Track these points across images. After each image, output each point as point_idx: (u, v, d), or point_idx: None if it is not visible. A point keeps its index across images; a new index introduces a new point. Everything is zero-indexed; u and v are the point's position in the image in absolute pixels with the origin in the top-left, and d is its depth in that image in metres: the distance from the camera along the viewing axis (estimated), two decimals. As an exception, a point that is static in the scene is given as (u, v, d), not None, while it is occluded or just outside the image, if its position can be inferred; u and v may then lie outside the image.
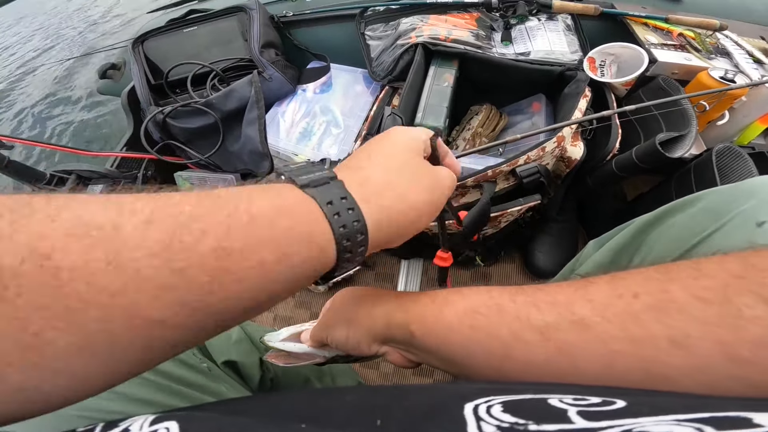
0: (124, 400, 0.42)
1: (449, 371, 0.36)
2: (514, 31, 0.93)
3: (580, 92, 0.80)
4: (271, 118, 1.00)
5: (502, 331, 0.30)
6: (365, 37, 1.04)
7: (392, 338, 0.38)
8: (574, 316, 0.27)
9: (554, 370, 0.28)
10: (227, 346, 0.60)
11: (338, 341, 0.42)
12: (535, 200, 0.77)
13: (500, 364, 0.30)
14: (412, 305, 0.37)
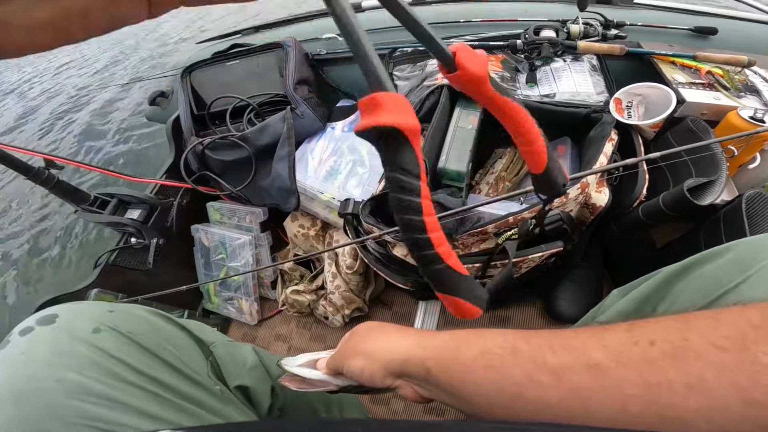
0: (134, 413, 0.44)
1: (461, 409, 0.39)
2: (539, 72, 0.95)
3: (605, 135, 0.80)
4: (301, 155, 1.06)
5: (515, 372, 0.32)
6: (393, 77, 1.09)
7: (408, 373, 0.41)
8: (589, 360, 0.29)
9: (566, 412, 0.29)
10: (242, 371, 0.63)
11: (354, 372, 0.45)
12: (557, 247, 0.78)
13: (512, 403, 0.32)
14: (430, 343, 0.40)
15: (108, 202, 1.09)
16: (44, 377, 0.41)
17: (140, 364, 0.47)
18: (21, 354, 0.44)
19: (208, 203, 1.30)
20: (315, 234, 1.13)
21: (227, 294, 1.29)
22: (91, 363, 0.44)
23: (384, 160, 0.24)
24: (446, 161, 0.84)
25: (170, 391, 0.48)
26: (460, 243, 0.82)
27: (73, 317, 0.49)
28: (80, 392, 0.41)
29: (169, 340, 0.54)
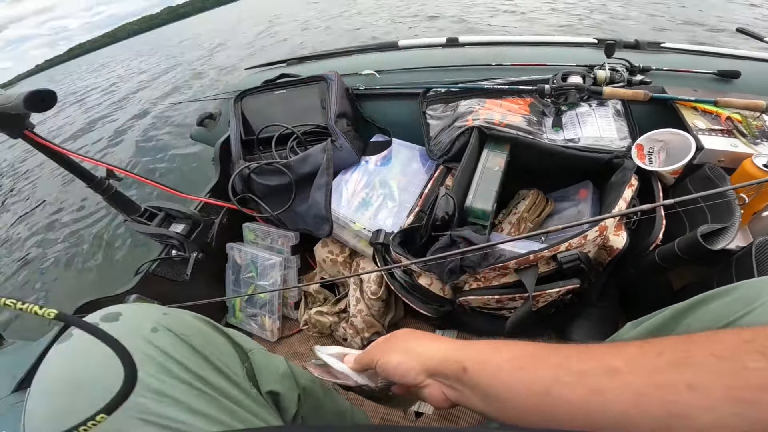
0: (181, 408, 0.46)
1: (486, 410, 0.43)
2: (565, 116, 1.00)
3: (626, 181, 0.85)
4: (336, 185, 1.13)
5: (544, 373, 0.38)
6: (426, 116, 1.17)
7: (443, 372, 0.46)
8: (607, 366, 0.35)
9: (586, 407, 0.35)
10: (275, 377, 0.66)
11: (389, 366, 0.49)
12: (573, 284, 0.83)
13: (539, 401, 0.38)
14: (467, 347, 0.47)
15: (156, 214, 1.17)
16: (104, 369, 0.44)
17: (190, 363, 0.51)
18: (84, 347, 0.47)
19: (244, 224, 1.39)
20: (342, 260, 1.19)
21: (252, 310, 1.36)
22: (149, 359, 0.47)
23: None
24: (473, 200, 0.90)
25: (215, 390, 0.52)
26: (481, 276, 0.87)
27: (135, 316, 0.52)
28: (137, 387, 0.45)
29: (213, 344, 0.58)
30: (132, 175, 1.14)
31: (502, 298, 0.85)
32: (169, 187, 1.21)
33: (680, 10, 4.11)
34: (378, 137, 1.27)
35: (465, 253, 0.78)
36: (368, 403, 1.09)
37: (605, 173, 0.94)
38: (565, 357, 0.39)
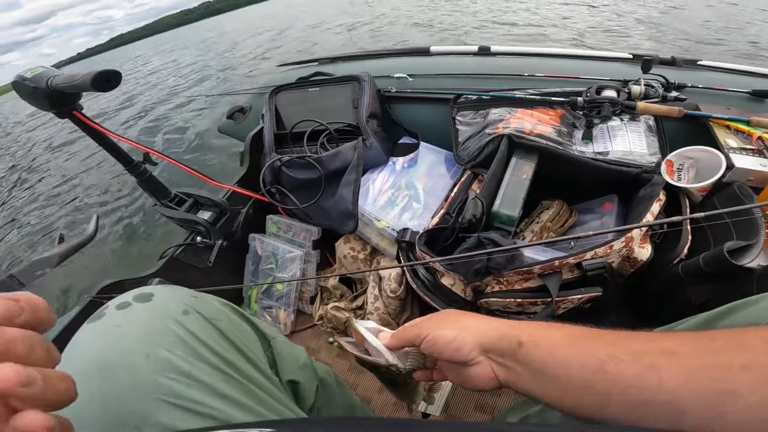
0: (209, 391, 0.46)
1: (536, 389, 0.44)
2: (596, 129, 1.02)
3: (654, 196, 0.87)
4: (363, 183, 1.16)
5: (599, 351, 0.40)
6: (455, 122, 1.20)
7: (497, 348, 0.46)
8: (663, 347, 0.37)
9: (640, 384, 0.36)
10: (296, 367, 0.68)
11: (442, 340, 0.48)
12: (596, 291, 0.84)
13: (591, 377, 0.39)
14: (522, 325, 0.48)
15: (185, 200, 1.21)
16: (136, 351, 0.45)
17: (219, 347, 0.51)
18: (117, 327, 0.48)
19: (268, 215, 1.42)
20: (363, 257, 1.22)
21: (267, 302, 1.40)
22: (180, 342, 0.48)
23: None
24: (500, 205, 0.92)
25: (242, 375, 0.52)
26: (504, 279, 0.89)
27: (167, 298, 0.53)
28: (165, 368, 0.45)
29: (240, 330, 0.59)
30: (168, 159, 1.18)
31: (523, 302, 0.87)
32: (204, 174, 1.25)
33: (719, 27, 4.12)
34: (405, 139, 1.30)
35: (492, 253, 0.81)
36: (375, 402, 1.12)
37: (632, 187, 0.96)
38: (619, 338, 0.41)
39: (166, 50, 6.46)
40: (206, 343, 0.50)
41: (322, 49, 5.37)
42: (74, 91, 0.86)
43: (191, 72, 4.61)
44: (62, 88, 0.83)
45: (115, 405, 0.42)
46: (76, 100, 0.93)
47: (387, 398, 1.11)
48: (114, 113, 3.96)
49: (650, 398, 0.36)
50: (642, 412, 0.36)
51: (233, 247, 1.29)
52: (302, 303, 1.38)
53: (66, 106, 0.92)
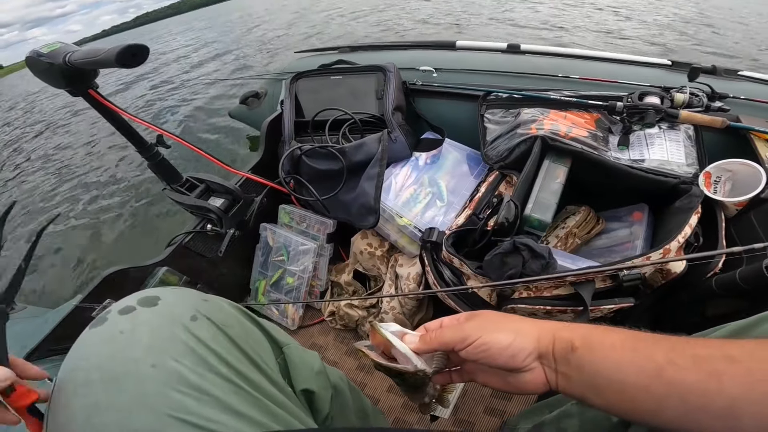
0: (220, 407, 0.44)
1: (589, 394, 0.44)
2: (633, 136, 1.01)
3: (692, 208, 0.86)
4: (385, 178, 1.14)
5: (657, 355, 0.39)
6: (484, 119, 1.19)
7: (551, 354, 0.45)
8: (725, 353, 0.37)
9: (701, 390, 0.36)
10: (310, 375, 0.65)
11: (498, 346, 0.46)
12: (628, 302, 0.84)
13: (648, 383, 0.39)
14: (574, 326, 0.47)
15: (196, 186, 1.18)
16: (141, 361, 0.43)
17: (230, 357, 0.49)
18: (120, 333, 0.45)
19: (281, 205, 1.41)
20: (381, 254, 1.22)
21: (276, 295, 1.38)
22: (188, 351, 0.45)
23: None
24: (532, 209, 0.91)
25: (255, 388, 0.50)
26: (534, 286, 0.89)
27: (175, 302, 0.50)
28: (174, 380, 0.43)
29: (251, 336, 0.56)
30: (182, 141, 1.16)
31: (552, 310, 0.87)
32: (217, 158, 1.23)
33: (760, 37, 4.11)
34: (429, 135, 1.29)
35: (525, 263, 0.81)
36: (383, 402, 1.11)
37: (666, 198, 0.95)
38: (677, 342, 0.40)
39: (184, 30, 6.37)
40: (216, 352, 0.48)
41: (350, 36, 5.29)
42: (95, 67, 0.84)
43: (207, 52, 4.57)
44: (81, 65, 0.81)
45: (122, 418, 0.40)
46: (93, 77, 0.91)
47: (396, 398, 1.11)
48: (119, 95, 3.91)
49: (709, 404, 0.36)
50: (698, 416, 0.37)
51: (242, 237, 1.28)
52: (312, 298, 1.37)
53: (82, 83, 0.90)
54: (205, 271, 1.25)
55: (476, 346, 0.47)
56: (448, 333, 0.50)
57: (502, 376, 0.50)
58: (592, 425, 0.63)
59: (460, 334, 0.48)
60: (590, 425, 0.64)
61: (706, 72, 1.14)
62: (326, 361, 1.21)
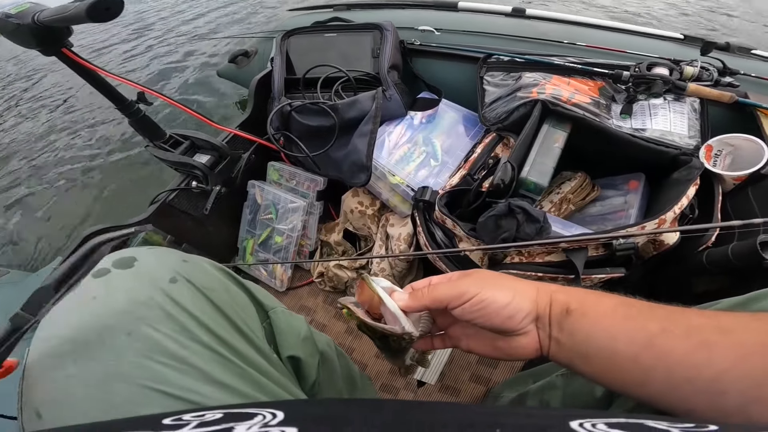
0: (202, 378, 0.42)
1: (577, 361, 0.42)
2: (636, 105, 0.99)
3: (691, 179, 0.85)
4: (378, 135, 1.11)
5: (650, 324, 0.38)
6: (483, 81, 1.15)
7: (547, 315, 0.43)
8: (718, 323, 0.36)
9: (689, 361, 0.35)
10: (296, 341, 0.62)
11: (495, 305, 0.42)
12: (619, 272, 0.84)
13: (639, 352, 0.37)
14: (573, 290, 0.44)
15: (181, 142, 1.14)
16: (116, 328, 0.40)
17: (213, 323, 0.46)
18: (93, 299, 0.42)
19: (270, 162, 1.37)
20: (372, 213, 1.19)
21: (264, 255, 1.36)
22: (166, 316, 0.43)
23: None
24: (528, 172, 0.89)
25: (238, 356, 0.47)
26: (526, 251, 0.88)
27: (152, 263, 0.47)
28: (151, 349, 0.40)
29: (235, 300, 0.53)
30: (165, 98, 1.11)
31: (544, 276, 0.86)
32: (203, 115, 1.19)
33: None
34: (425, 94, 1.26)
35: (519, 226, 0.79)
36: (371, 368, 1.11)
37: (665, 168, 0.94)
38: (672, 312, 0.39)
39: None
40: (197, 318, 0.45)
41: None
42: (65, 24, 0.79)
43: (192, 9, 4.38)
44: (50, 22, 0.76)
45: (96, 392, 0.38)
46: (66, 36, 0.86)
47: (383, 364, 1.11)
48: (98, 52, 3.74)
49: (695, 376, 0.35)
50: (684, 390, 0.35)
51: (229, 195, 1.23)
52: (301, 258, 1.35)
53: (54, 42, 0.85)
54: (191, 231, 1.22)
55: (474, 303, 0.43)
56: (442, 289, 0.46)
57: (491, 340, 0.47)
58: (575, 399, 0.62)
59: (456, 290, 0.44)
60: (573, 398, 0.63)
61: (719, 48, 1.11)
62: (315, 325, 1.24)
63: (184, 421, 0.26)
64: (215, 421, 0.26)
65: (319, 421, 0.28)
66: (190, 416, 0.28)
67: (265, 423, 0.26)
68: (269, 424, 0.26)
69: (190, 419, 0.27)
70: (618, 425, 0.26)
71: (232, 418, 0.27)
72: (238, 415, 0.28)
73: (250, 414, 0.28)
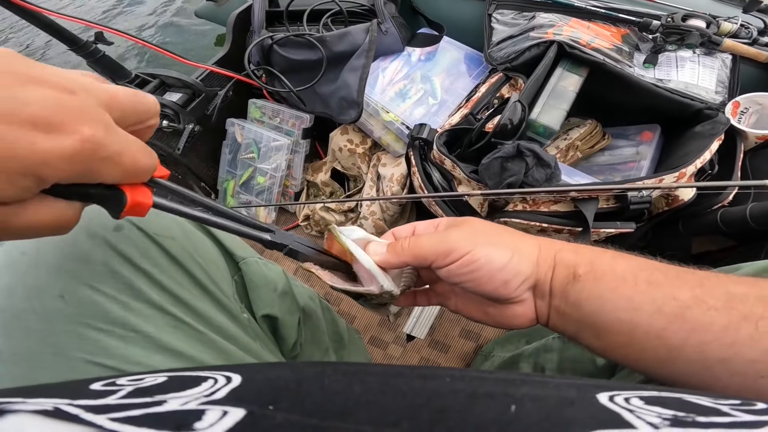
0: (152, 347, 0.36)
1: (585, 334, 0.35)
2: (662, 56, 0.92)
3: (715, 134, 0.78)
4: (371, 71, 1.02)
5: (682, 293, 0.31)
6: (491, 19, 1.05)
7: (549, 282, 0.36)
8: (762, 293, 0.29)
9: (732, 337, 0.28)
10: (272, 297, 0.53)
11: (490, 266, 0.35)
12: (629, 227, 0.77)
13: (667, 325, 0.30)
14: (583, 249, 0.36)
15: (148, 81, 1.05)
16: (46, 290, 0.33)
17: (166, 279, 0.39)
18: (21, 255, 0.34)
19: (251, 99, 1.25)
20: (362, 152, 1.09)
21: (246, 197, 1.26)
22: (108, 273, 0.35)
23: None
24: (538, 114, 0.81)
25: (196, 317, 0.40)
26: (531, 198, 0.80)
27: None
28: (89, 314, 0.34)
29: (197, 250, 0.44)
30: (129, 36, 1.02)
31: (548, 228, 0.79)
32: (171, 52, 1.09)
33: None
34: (425, 30, 1.15)
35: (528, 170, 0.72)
36: (359, 320, 1.05)
37: (684, 122, 0.87)
38: (706, 277, 0.32)
39: None
40: (148, 273, 0.37)
41: None
42: None
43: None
44: None
45: (27, 370, 0.31)
46: None
47: (372, 316, 1.05)
48: None
49: (734, 356, 0.28)
50: (715, 371, 0.29)
51: (208, 134, 1.14)
52: (285, 199, 1.25)
53: None
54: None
55: (463, 264, 0.35)
56: (426, 243, 0.37)
57: (481, 304, 0.40)
58: (574, 363, 0.56)
59: (443, 246, 0.36)
60: (572, 363, 0.56)
61: (762, 10, 1.03)
62: (300, 274, 1.13)
63: (117, 387, 0.22)
64: (152, 389, 0.21)
65: (279, 393, 0.21)
66: (126, 380, 0.23)
67: (212, 392, 0.21)
68: (214, 396, 0.20)
69: (125, 384, 0.22)
70: (656, 400, 0.21)
71: (176, 384, 0.22)
72: (185, 380, 0.23)
73: (199, 378, 0.23)
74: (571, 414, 0.19)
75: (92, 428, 0.15)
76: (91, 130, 0.22)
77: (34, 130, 0.20)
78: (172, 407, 0.18)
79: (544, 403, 0.20)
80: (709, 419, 0.18)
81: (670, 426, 0.17)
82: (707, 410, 0.19)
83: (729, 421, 0.18)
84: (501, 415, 0.19)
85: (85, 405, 0.18)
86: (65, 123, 0.21)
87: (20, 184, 0.21)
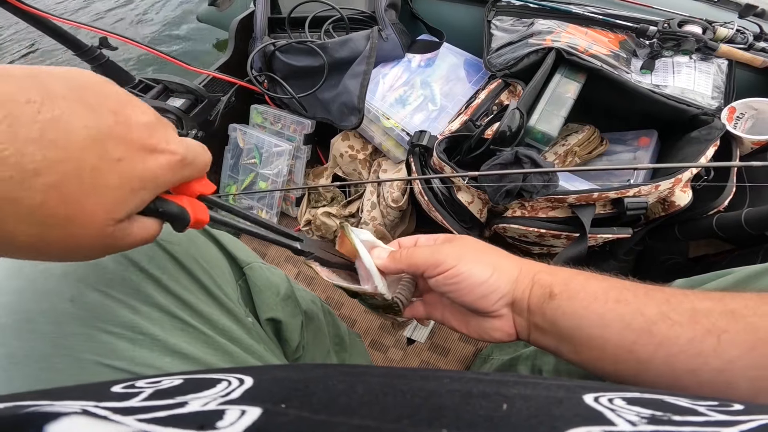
0: (160, 349, 0.37)
1: (563, 348, 0.38)
2: (658, 61, 0.93)
3: (711, 139, 0.79)
4: (372, 77, 1.03)
5: (649, 309, 0.33)
6: (491, 26, 1.06)
7: (526, 299, 0.39)
8: (726, 308, 0.31)
9: (695, 349, 0.30)
10: (275, 301, 0.55)
11: (471, 280, 0.39)
12: (626, 233, 0.78)
13: (636, 339, 0.33)
14: (559, 271, 0.39)
15: (152, 87, 1.06)
16: (56, 294, 0.34)
17: (173, 283, 0.40)
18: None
19: (253, 105, 1.27)
20: (363, 158, 1.11)
21: (248, 202, 1.28)
22: (117, 278, 0.36)
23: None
24: (536, 121, 0.82)
25: (202, 321, 0.42)
26: (529, 205, 0.82)
27: None
28: (99, 318, 0.35)
29: (202, 255, 0.46)
30: (132, 42, 1.03)
31: (546, 233, 0.80)
32: (175, 57, 1.11)
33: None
34: (425, 37, 1.16)
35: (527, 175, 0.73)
36: (360, 324, 1.06)
37: (680, 127, 0.88)
38: (673, 294, 0.34)
39: None
40: (155, 278, 0.39)
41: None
42: None
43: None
44: None
45: (40, 371, 0.32)
46: None
47: (373, 320, 1.07)
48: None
49: (701, 366, 0.31)
50: (686, 381, 0.31)
51: (210, 139, 1.13)
52: (286, 204, 1.27)
53: None
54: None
55: (448, 276, 0.39)
56: (420, 254, 0.42)
57: (465, 316, 0.44)
58: (568, 366, 0.57)
59: (434, 258, 0.40)
60: (566, 366, 0.58)
61: (757, 15, 1.04)
62: (301, 278, 1.16)
63: (137, 389, 0.22)
64: (171, 390, 0.22)
65: (288, 393, 0.23)
66: (144, 383, 0.24)
67: (227, 392, 0.22)
68: (231, 396, 0.21)
69: (144, 387, 0.23)
70: (637, 401, 0.22)
71: (192, 386, 0.23)
72: (201, 382, 0.24)
73: (213, 380, 0.24)
74: (559, 412, 0.21)
75: (125, 428, 0.16)
76: (177, 148, 0.28)
77: (142, 151, 0.26)
78: (194, 408, 0.19)
79: (534, 402, 0.22)
80: (684, 418, 0.20)
81: (647, 424, 0.19)
82: (684, 410, 0.21)
83: (703, 420, 0.19)
84: (493, 412, 0.21)
85: (111, 407, 0.19)
86: (161, 146, 0.27)
87: (140, 197, 0.26)
